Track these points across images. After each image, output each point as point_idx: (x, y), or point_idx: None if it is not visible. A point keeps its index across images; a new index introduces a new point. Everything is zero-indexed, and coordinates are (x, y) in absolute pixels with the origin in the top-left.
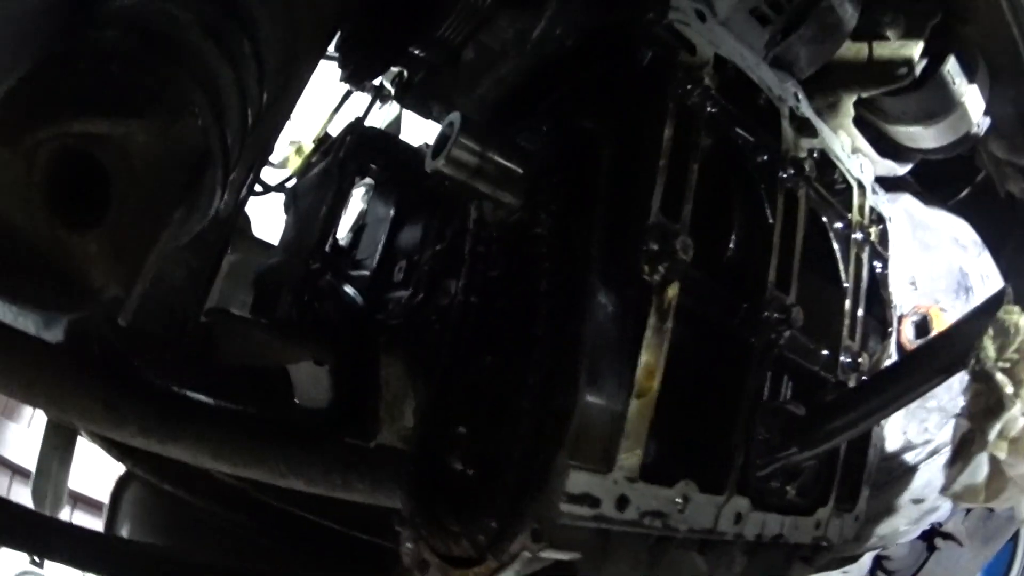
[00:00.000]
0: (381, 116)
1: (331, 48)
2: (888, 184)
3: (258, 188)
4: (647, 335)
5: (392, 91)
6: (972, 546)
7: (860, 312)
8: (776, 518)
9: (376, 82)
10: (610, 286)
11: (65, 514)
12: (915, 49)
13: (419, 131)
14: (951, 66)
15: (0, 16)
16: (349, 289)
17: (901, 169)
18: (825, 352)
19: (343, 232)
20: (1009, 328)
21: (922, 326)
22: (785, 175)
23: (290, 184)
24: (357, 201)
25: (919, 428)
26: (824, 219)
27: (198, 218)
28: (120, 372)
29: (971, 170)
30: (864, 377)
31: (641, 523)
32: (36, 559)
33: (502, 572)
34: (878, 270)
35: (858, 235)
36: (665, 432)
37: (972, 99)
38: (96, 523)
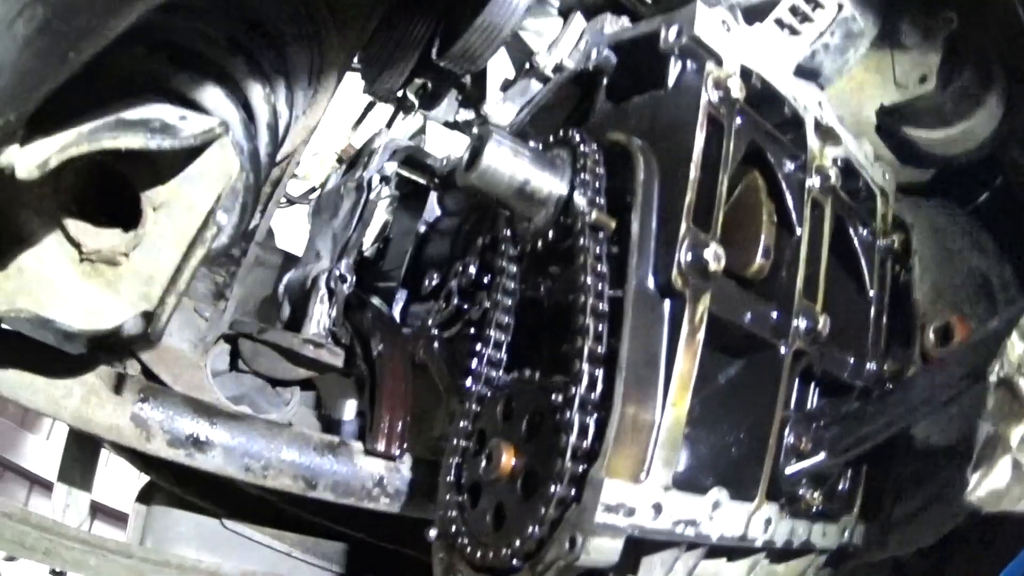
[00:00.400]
0: (404, 127)
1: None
2: (909, 191)
3: (282, 200)
4: (680, 346)
5: (415, 102)
6: (991, 550)
7: (884, 320)
8: (804, 524)
9: (399, 94)
10: (646, 298)
11: (84, 524)
12: (934, 57)
13: (443, 142)
14: (970, 72)
15: (30, 31)
16: (376, 300)
17: (923, 175)
18: (851, 359)
19: (368, 244)
20: None
21: (945, 333)
22: (811, 184)
23: (314, 196)
24: (381, 212)
25: (942, 433)
26: (849, 227)
27: (229, 235)
28: (147, 387)
29: (990, 175)
30: (889, 384)
31: (674, 531)
32: (57, 571)
33: None
34: (902, 277)
35: (882, 243)
36: (697, 440)
37: (992, 104)
38: (117, 533)
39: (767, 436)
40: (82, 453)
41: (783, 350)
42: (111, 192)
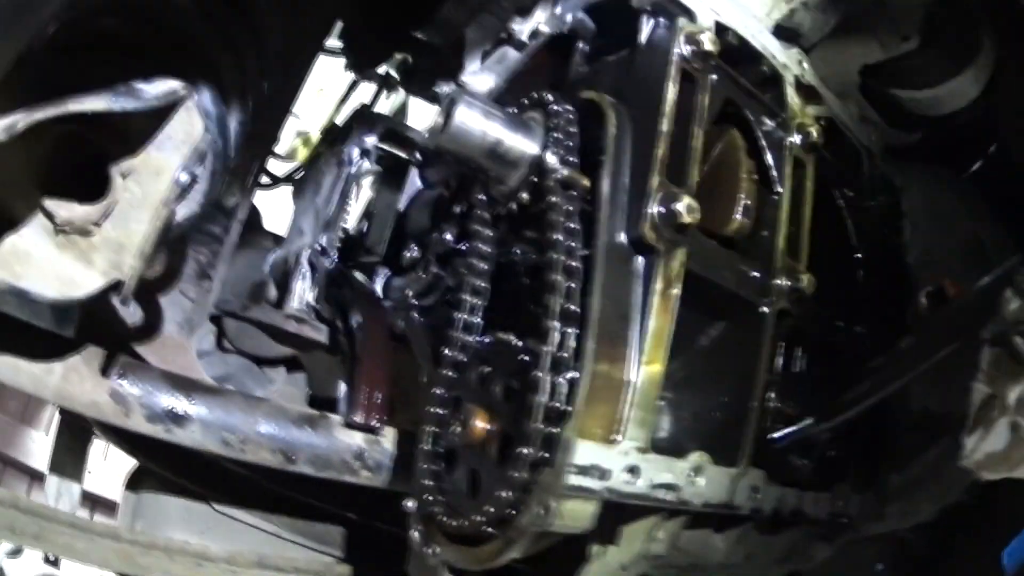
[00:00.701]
0: (387, 104)
1: (335, 41)
2: (899, 153)
3: (266, 180)
4: (654, 302)
5: (397, 79)
6: (994, 526)
7: (874, 282)
8: (794, 492)
9: (381, 70)
10: (617, 253)
11: (78, 513)
12: (917, 14)
13: (426, 117)
14: (954, 30)
15: None
16: (360, 276)
17: (912, 138)
18: (840, 322)
19: (353, 221)
20: None
21: (937, 295)
22: (792, 142)
23: (298, 175)
24: (366, 190)
25: (940, 400)
26: (834, 188)
27: (199, 203)
28: (126, 363)
29: (983, 142)
30: (879, 347)
31: (652, 496)
32: (51, 558)
33: (510, 548)
34: (892, 240)
35: (869, 204)
36: (678, 403)
37: (978, 63)
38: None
39: (751, 399)
40: (73, 443)
41: (766, 310)
42: (86, 165)
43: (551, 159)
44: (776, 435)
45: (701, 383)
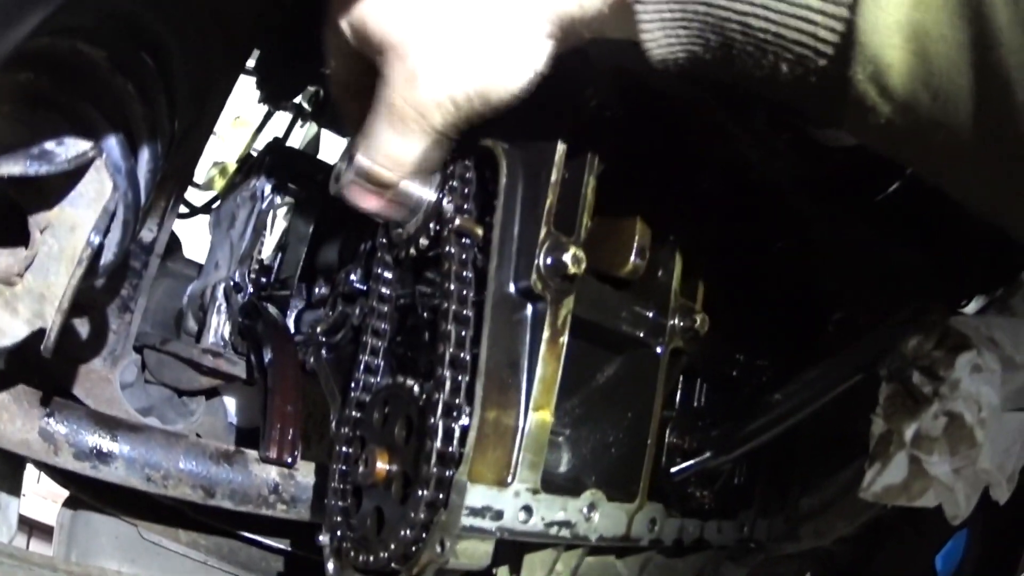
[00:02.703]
0: (300, 135)
1: (252, 64)
2: (808, 184)
3: (184, 210)
4: (542, 349)
5: (310, 110)
6: (923, 535)
7: (778, 314)
8: (695, 523)
9: (296, 101)
10: (506, 302)
11: (21, 542)
12: None
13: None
14: None
15: None
16: (272, 309)
17: (821, 168)
18: (740, 355)
19: (268, 252)
20: (929, 326)
21: (846, 327)
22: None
23: (216, 205)
24: (281, 221)
25: (851, 424)
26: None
27: (115, 252)
28: (53, 401)
29: (899, 166)
30: (782, 378)
31: (547, 533)
32: None
33: None
34: (800, 270)
35: (775, 239)
36: (578, 441)
37: None
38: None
39: (647, 436)
40: (7, 470)
41: (659, 350)
42: (11, 217)
43: (447, 206)
44: (674, 469)
45: (599, 420)
